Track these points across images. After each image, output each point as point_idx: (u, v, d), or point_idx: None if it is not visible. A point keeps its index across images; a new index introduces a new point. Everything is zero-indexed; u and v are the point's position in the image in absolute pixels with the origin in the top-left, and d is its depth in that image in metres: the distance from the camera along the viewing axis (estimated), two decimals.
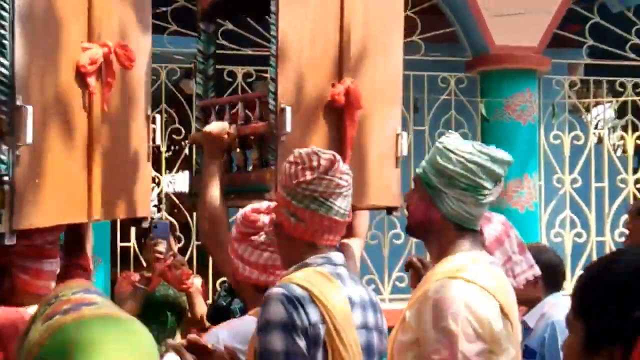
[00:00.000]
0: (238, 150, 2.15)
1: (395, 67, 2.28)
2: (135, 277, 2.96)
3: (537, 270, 2.18)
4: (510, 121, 4.47)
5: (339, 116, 2.06)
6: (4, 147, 1.48)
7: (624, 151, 5.06)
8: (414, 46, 4.34)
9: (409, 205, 1.87)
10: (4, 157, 1.48)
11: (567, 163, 4.72)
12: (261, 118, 2.13)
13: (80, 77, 1.76)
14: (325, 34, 2.08)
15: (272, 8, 2.00)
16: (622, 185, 4.75)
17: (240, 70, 4.31)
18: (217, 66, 2.57)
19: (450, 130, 3.62)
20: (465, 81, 4.64)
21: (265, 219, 1.65)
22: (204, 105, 2.30)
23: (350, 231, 2.05)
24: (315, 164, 1.51)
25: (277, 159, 1.99)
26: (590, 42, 4.66)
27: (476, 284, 1.57)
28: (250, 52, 4.30)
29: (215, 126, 2.12)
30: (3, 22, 1.47)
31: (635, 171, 4.91)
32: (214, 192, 1.95)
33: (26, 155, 1.56)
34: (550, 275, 2.67)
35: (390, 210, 2.39)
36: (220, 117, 2.21)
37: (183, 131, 4.28)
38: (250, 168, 2.18)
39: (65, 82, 1.71)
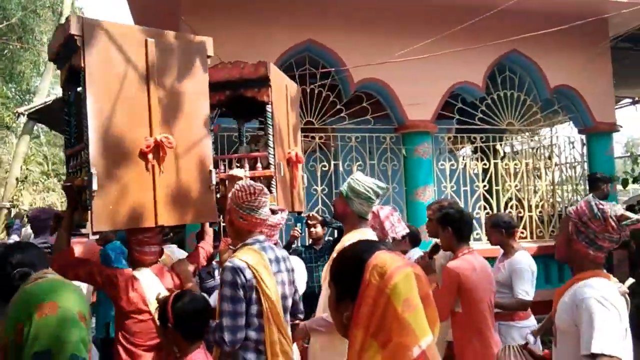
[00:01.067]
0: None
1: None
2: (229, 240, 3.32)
3: (405, 231, 3.26)
4: (418, 157, 6.93)
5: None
6: (87, 194, 2.43)
7: (477, 171, 7.42)
8: (368, 121, 7.06)
9: (335, 205, 2.87)
10: (87, 198, 2.48)
11: (448, 177, 7.19)
12: (267, 167, 3.26)
13: (143, 155, 2.66)
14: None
15: None
16: (477, 189, 7.32)
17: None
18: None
19: (385, 163, 6.66)
20: (394, 138, 7.21)
21: None
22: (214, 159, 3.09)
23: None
24: (251, 190, 2.36)
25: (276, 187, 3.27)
26: (457, 116, 7.19)
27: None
28: None
29: (236, 171, 3.15)
30: (85, 130, 2.44)
31: (482, 181, 7.28)
32: None
33: (101, 194, 2.51)
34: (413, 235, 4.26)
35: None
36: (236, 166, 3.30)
37: None
38: None
39: (134, 159, 2.64)
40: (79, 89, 2.75)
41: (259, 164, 3.40)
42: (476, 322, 2.90)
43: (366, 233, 2.65)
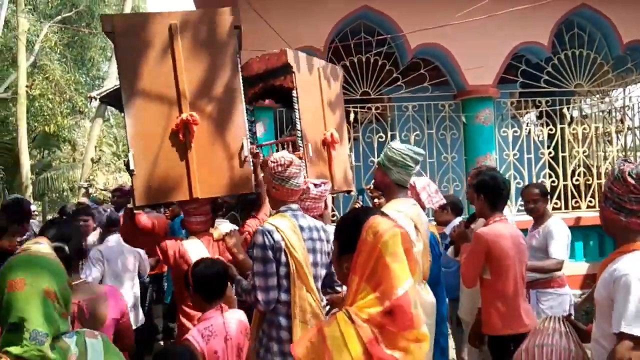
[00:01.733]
0: None
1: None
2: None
3: (442, 202, 3.51)
4: (478, 124, 6.80)
5: None
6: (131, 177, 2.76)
7: (542, 137, 7.16)
8: (425, 88, 6.91)
9: (375, 176, 2.86)
10: (130, 178, 2.80)
11: (510, 145, 6.99)
12: (295, 149, 3.33)
13: (174, 133, 2.87)
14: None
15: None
16: (542, 156, 7.07)
17: None
18: None
19: (444, 132, 6.53)
20: (453, 105, 7.04)
21: None
22: None
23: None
24: (281, 162, 2.43)
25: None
26: (520, 79, 6.95)
27: (401, 212, 2.55)
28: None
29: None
30: (123, 114, 2.97)
31: (548, 147, 7.03)
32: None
33: (141, 174, 2.77)
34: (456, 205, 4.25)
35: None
36: None
37: None
38: None
39: (166, 138, 2.88)
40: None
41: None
42: (504, 289, 2.84)
43: (406, 202, 2.68)
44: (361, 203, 5.12)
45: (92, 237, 4.52)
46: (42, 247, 1.51)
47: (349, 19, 6.68)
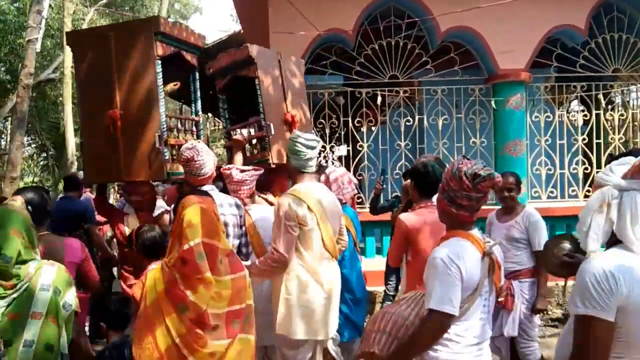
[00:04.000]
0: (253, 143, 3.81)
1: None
2: None
3: (352, 193, 3.82)
4: (509, 109, 6.67)
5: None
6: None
7: (576, 123, 6.99)
8: (455, 72, 6.83)
9: (286, 164, 3.17)
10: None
11: (542, 130, 6.87)
12: (260, 129, 3.76)
13: (108, 126, 3.39)
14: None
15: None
16: (575, 142, 6.95)
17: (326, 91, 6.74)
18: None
19: (473, 117, 6.47)
20: (484, 89, 6.93)
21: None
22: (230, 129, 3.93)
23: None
24: (187, 156, 2.87)
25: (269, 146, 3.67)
26: (555, 63, 6.75)
27: (296, 194, 2.85)
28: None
29: (237, 136, 3.71)
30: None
31: (582, 134, 6.91)
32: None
33: (88, 156, 3.58)
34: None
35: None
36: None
37: (336, 122, 6.77)
38: (255, 151, 3.82)
39: (104, 130, 3.39)
40: None
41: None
42: (421, 271, 2.92)
43: (307, 186, 2.95)
44: (382, 183, 5.22)
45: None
46: (16, 203, 2.13)
47: (379, 2, 6.68)
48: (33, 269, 2.07)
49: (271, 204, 3.44)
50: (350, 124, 6.80)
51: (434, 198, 2.84)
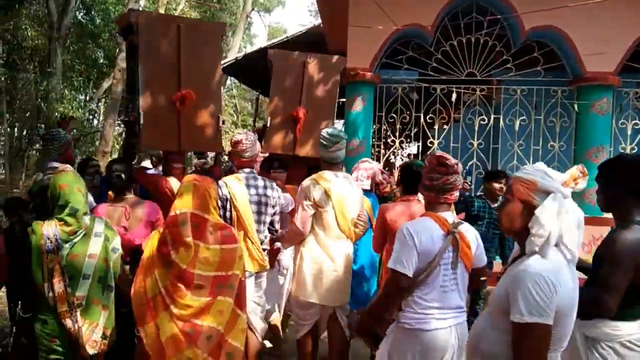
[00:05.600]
0: None
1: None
2: None
3: (364, 186, 3.89)
4: (593, 114, 6.39)
5: None
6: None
7: None
8: (537, 73, 6.57)
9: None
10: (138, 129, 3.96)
11: (628, 138, 6.58)
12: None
13: (172, 102, 4.00)
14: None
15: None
16: None
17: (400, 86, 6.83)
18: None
19: (553, 119, 6.23)
20: (567, 91, 6.67)
21: None
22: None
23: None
24: (233, 141, 3.48)
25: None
26: None
27: (316, 180, 3.26)
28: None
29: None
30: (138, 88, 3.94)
31: None
32: None
33: (146, 129, 3.93)
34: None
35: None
36: None
37: (407, 117, 6.81)
38: None
39: (167, 105, 4.01)
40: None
41: None
42: None
43: (327, 174, 3.31)
44: (469, 183, 5.22)
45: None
46: (70, 169, 2.67)
47: None
48: (88, 220, 2.63)
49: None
50: (422, 120, 6.77)
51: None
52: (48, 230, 2.46)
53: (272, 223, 3.56)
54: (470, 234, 2.40)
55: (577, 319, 2.02)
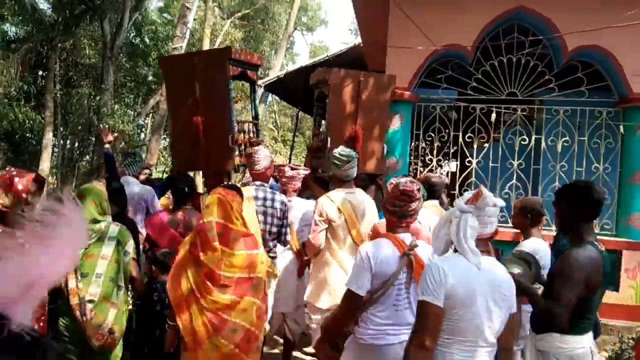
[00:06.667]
0: None
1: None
2: None
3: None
4: (639, 136, 6.23)
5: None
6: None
7: None
8: (581, 93, 6.44)
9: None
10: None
11: None
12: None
13: (193, 128, 4.56)
14: None
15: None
16: None
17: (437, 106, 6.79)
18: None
19: (597, 141, 6.08)
20: (612, 112, 6.50)
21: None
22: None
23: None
24: (247, 153, 4.18)
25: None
26: None
27: (329, 197, 3.55)
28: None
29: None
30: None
31: None
32: None
33: (177, 154, 4.92)
34: None
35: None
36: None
37: (445, 136, 6.77)
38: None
39: (190, 131, 4.56)
40: None
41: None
42: None
43: (340, 192, 3.59)
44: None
45: None
46: (97, 184, 3.16)
47: (502, 18, 6.58)
48: (103, 226, 3.01)
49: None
50: (461, 139, 6.74)
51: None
52: None
53: (279, 234, 3.89)
54: (424, 254, 2.53)
55: (531, 333, 2.51)
